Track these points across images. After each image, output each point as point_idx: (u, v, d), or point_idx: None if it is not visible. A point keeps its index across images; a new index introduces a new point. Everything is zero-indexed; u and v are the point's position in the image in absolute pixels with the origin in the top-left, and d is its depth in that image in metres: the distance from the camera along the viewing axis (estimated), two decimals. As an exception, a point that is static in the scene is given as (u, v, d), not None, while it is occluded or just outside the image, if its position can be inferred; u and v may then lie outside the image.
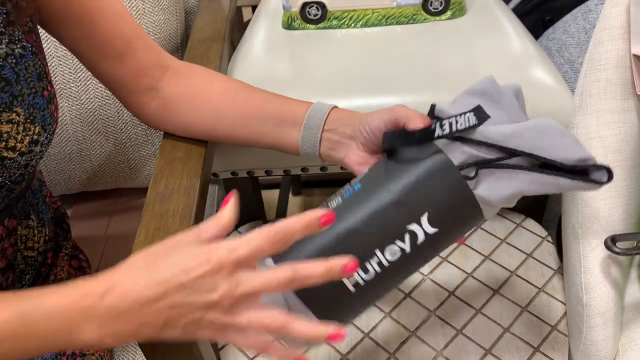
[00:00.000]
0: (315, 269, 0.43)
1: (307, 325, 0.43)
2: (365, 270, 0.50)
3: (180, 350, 0.57)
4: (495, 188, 0.50)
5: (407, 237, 0.50)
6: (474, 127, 0.48)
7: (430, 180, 0.49)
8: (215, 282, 0.41)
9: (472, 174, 0.49)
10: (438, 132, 0.49)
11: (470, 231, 0.55)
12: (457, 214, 0.51)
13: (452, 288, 0.79)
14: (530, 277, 0.80)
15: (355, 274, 0.50)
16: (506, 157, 0.48)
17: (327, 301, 0.52)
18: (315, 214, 0.43)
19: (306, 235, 0.44)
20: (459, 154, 0.49)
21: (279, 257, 0.51)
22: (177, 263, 0.42)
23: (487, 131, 0.48)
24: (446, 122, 0.49)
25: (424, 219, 0.49)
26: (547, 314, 0.75)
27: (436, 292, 0.79)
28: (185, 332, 0.43)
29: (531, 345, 0.72)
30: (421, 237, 0.50)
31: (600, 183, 0.48)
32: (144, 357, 0.58)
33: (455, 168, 0.49)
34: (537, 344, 0.72)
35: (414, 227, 0.50)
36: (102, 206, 0.98)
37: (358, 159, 0.60)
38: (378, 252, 0.50)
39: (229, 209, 0.45)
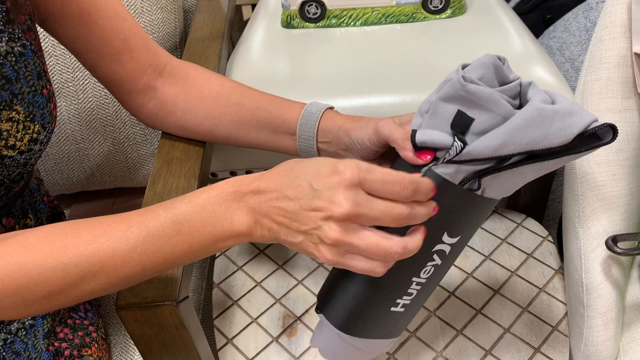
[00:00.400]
0: (421, 211, 0.45)
1: (418, 239, 0.46)
2: (409, 295, 0.55)
3: (179, 350, 0.56)
4: (504, 186, 0.50)
5: (435, 256, 0.52)
6: (460, 152, 0.46)
7: (439, 205, 0.49)
8: (336, 193, 0.43)
9: (476, 186, 0.48)
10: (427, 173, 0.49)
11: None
12: (474, 218, 0.53)
13: (452, 288, 0.79)
14: (530, 277, 0.80)
15: (401, 300, 0.55)
16: (504, 161, 0.47)
17: (387, 327, 0.58)
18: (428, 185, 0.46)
19: (419, 199, 0.45)
20: (456, 173, 0.48)
21: (324, 305, 0.57)
22: (312, 168, 0.45)
23: (477, 148, 0.46)
24: (431, 165, 0.48)
25: (445, 237, 0.51)
26: (548, 314, 0.75)
27: (436, 292, 0.78)
28: (307, 242, 0.45)
29: (532, 346, 0.71)
30: (447, 249, 0.52)
31: (606, 142, 0.46)
32: (142, 358, 0.58)
33: (457, 186, 0.49)
34: (537, 345, 0.71)
35: (439, 247, 0.52)
36: (101, 206, 0.98)
37: None
38: (415, 279, 0.54)
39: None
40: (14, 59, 0.53)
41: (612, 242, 0.61)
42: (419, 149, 0.50)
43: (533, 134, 0.45)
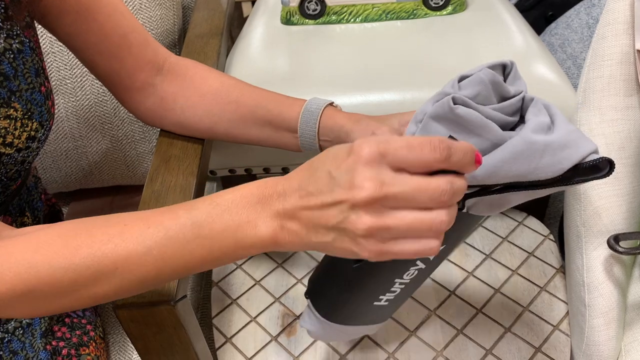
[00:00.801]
0: (461, 184, 0.39)
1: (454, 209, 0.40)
2: (393, 292, 0.56)
3: (177, 349, 0.56)
4: (490, 208, 0.49)
5: (418, 262, 0.52)
6: None
7: None
8: (355, 175, 0.37)
9: (460, 205, 0.47)
10: None
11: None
12: (459, 231, 0.52)
13: (452, 287, 0.78)
14: (531, 276, 0.79)
15: (384, 297, 0.56)
16: (489, 188, 0.46)
17: (371, 317, 0.60)
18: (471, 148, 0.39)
19: (458, 166, 0.39)
20: None
21: (312, 292, 0.59)
22: (331, 154, 0.40)
23: None
24: None
25: None
26: (549, 314, 0.74)
27: (436, 291, 0.78)
28: (341, 238, 0.40)
29: (532, 346, 0.71)
30: (431, 256, 0.51)
31: (601, 176, 0.44)
32: (139, 357, 0.58)
33: None
34: (538, 344, 0.71)
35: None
36: (99, 204, 0.97)
37: None
38: (397, 280, 0.54)
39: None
40: (12, 56, 0.52)
41: (614, 241, 0.60)
42: None
43: (520, 168, 0.43)
